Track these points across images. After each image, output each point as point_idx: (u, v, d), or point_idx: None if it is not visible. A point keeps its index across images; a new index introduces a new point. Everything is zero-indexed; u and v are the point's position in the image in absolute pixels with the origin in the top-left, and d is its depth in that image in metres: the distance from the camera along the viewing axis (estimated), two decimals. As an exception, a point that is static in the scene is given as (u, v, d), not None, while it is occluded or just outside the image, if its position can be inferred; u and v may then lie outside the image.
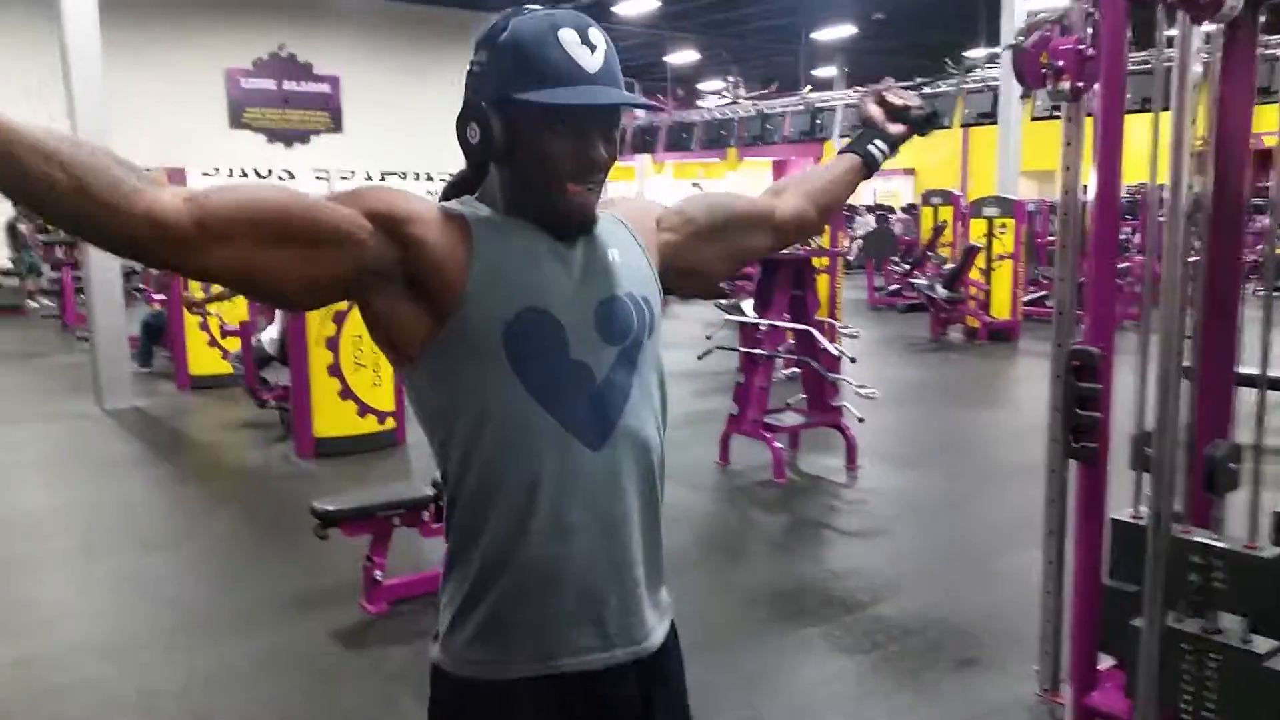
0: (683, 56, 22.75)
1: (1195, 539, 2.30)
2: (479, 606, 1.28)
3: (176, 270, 1.13)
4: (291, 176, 19.24)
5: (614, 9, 17.47)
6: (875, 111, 1.68)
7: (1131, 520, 2.52)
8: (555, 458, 1.24)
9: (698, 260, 1.50)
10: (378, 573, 3.68)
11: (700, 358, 5.86)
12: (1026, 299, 11.31)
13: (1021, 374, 9.21)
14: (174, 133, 15.91)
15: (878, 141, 1.67)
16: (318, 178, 18.93)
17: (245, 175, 18.18)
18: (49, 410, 7.48)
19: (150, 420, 7.29)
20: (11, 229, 14.06)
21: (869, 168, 1.67)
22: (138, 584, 4.04)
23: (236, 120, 16.94)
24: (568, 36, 1.23)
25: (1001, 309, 10.78)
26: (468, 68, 1.28)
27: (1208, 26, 2.37)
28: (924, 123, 1.70)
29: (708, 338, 5.80)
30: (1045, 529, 2.92)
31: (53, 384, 8.41)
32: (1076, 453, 2.60)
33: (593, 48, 1.24)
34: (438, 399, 1.27)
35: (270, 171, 18.22)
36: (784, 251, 5.74)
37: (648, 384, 1.34)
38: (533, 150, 1.24)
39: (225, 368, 7.62)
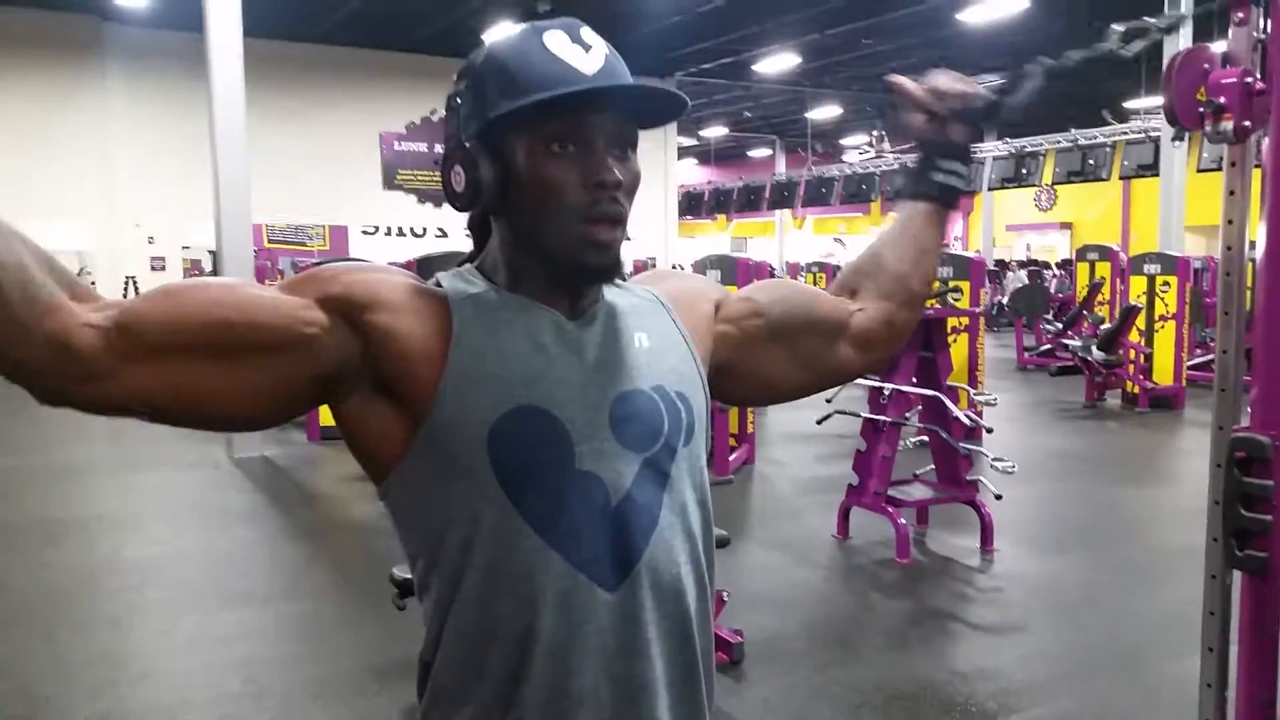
0: (824, 112, 22.46)
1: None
2: None
3: (76, 404, 0.88)
4: (444, 234, 19.91)
5: (754, 67, 17.43)
6: (923, 125, 1.26)
7: (1315, 646, 2.05)
8: (556, 601, 0.95)
9: (762, 365, 1.18)
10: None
11: (819, 422, 5.49)
12: (1192, 363, 10.41)
13: (1186, 447, 8.38)
14: (331, 193, 16.71)
15: (942, 163, 1.25)
16: (469, 236, 19.50)
17: (401, 233, 18.93)
18: (181, 458, 7.68)
19: (275, 470, 7.40)
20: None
21: (946, 204, 1.26)
22: (222, 642, 3.94)
23: (390, 181, 17.65)
24: (554, 39, 0.97)
25: (1164, 374, 9.93)
26: (446, 102, 1.04)
27: None
28: (987, 114, 1.25)
29: (827, 400, 5.43)
30: (1204, 645, 2.45)
31: (190, 431, 8.66)
32: (1240, 561, 2.15)
33: (587, 47, 0.98)
34: (416, 529, 1.00)
35: (424, 230, 18.87)
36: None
37: (683, 505, 1.03)
38: (530, 186, 0.97)
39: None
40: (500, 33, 1.02)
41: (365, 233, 21.10)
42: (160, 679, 3.64)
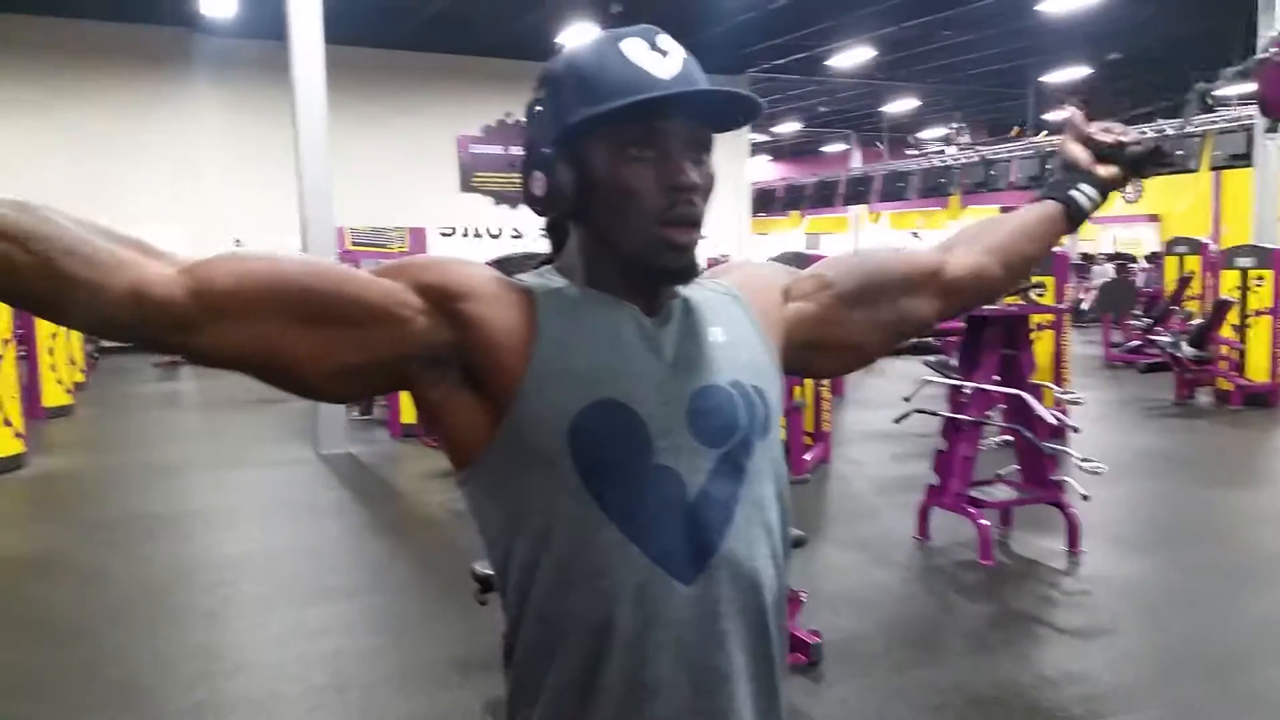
0: (901, 105, 22.13)
1: None
2: None
3: (176, 352, 0.94)
4: (519, 235, 20.17)
5: (828, 61, 17.25)
6: (1079, 153, 1.33)
7: None
8: (633, 593, 0.97)
9: (840, 331, 1.20)
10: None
11: (897, 421, 5.43)
12: (1290, 360, 10.00)
13: (1284, 446, 8.09)
14: (409, 195, 17.02)
15: (1083, 186, 1.32)
16: (544, 236, 19.73)
17: (478, 235, 19.20)
18: (269, 455, 7.92)
19: (359, 467, 7.58)
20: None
21: (1072, 219, 1.31)
22: (310, 636, 4.06)
23: (466, 184, 17.91)
24: (632, 45, 1.00)
25: (1259, 371, 9.56)
26: (526, 110, 1.07)
27: None
28: (1143, 162, 1.32)
29: (905, 399, 5.36)
30: (1305, 653, 2.38)
31: (279, 429, 8.94)
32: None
33: (664, 53, 1.00)
34: (495, 517, 1.03)
35: (500, 231, 19.13)
36: (992, 306, 5.28)
37: (760, 498, 1.04)
38: (608, 190, 0.99)
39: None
40: (578, 39, 1.04)
41: (443, 234, 21.50)
42: (253, 671, 3.76)
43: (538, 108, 1.05)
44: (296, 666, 3.78)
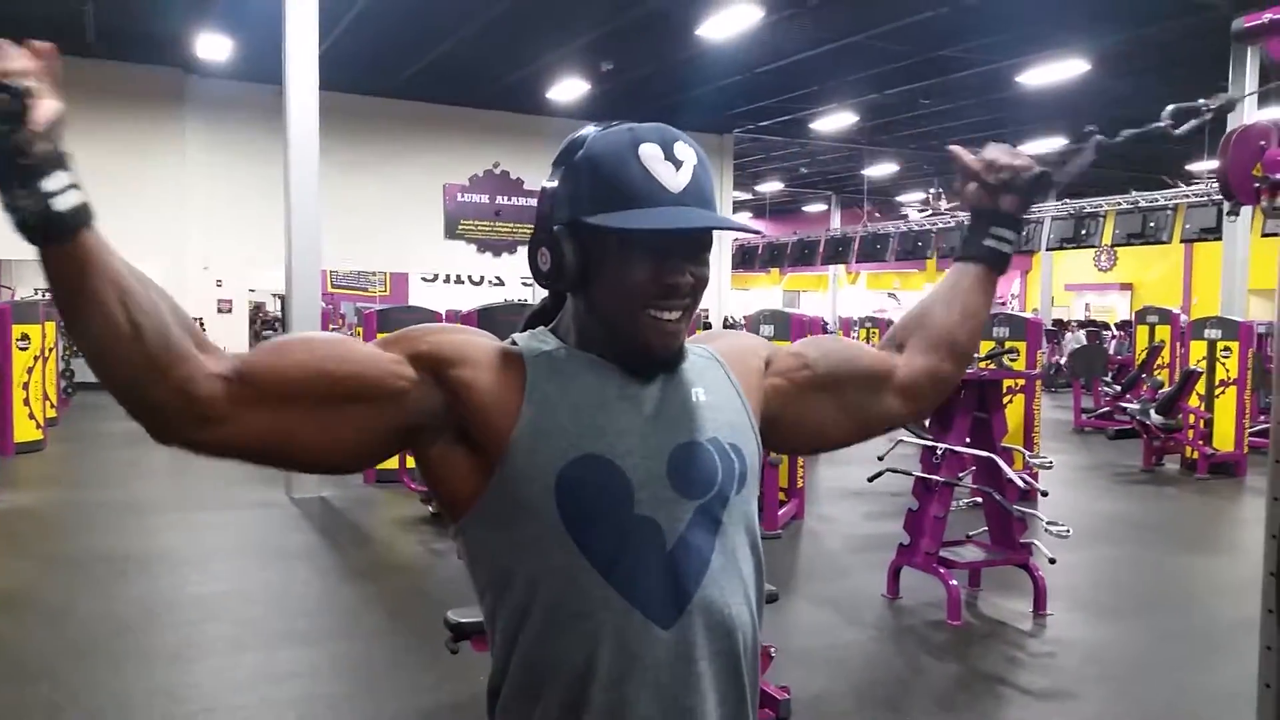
0: (881, 169, 22.53)
1: None
2: None
3: (188, 443, 1.00)
4: (500, 283, 20.25)
5: (811, 125, 17.58)
6: (976, 195, 1.35)
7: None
8: (614, 637, 1.03)
9: (811, 415, 1.27)
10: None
11: (870, 479, 5.49)
12: (1253, 430, 10.18)
13: (1247, 515, 8.17)
14: (395, 241, 17.09)
15: (995, 230, 1.34)
16: (524, 284, 19.95)
17: (460, 281, 19.25)
18: (242, 498, 7.86)
19: (331, 511, 7.54)
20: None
21: (996, 268, 1.35)
22: (277, 680, 4.04)
23: (451, 231, 17.98)
24: (649, 151, 1.07)
25: (1225, 440, 9.73)
26: (541, 187, 1.14)
27: None
28: (1037, 185, 1.34)
29: (879, 458, 5.43)
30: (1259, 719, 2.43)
31: (252, 471, 8.79)
32: (1295, 634, 2.14)
33: (678, 164, 1.08)
34: (486, 567, 1.10)
35: (482, 278, 19.20)
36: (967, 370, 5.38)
37: (734, 549, 1.11)
38: (608, 278, 1.07)
39: (411, 462, 7.82)
40: (598, 132, 1.11)
41: (424, 280, 21.54)
42: (217, 715, 3.73)
43: (551, 185, 1.12)
44: (261, 711, 3.75)
